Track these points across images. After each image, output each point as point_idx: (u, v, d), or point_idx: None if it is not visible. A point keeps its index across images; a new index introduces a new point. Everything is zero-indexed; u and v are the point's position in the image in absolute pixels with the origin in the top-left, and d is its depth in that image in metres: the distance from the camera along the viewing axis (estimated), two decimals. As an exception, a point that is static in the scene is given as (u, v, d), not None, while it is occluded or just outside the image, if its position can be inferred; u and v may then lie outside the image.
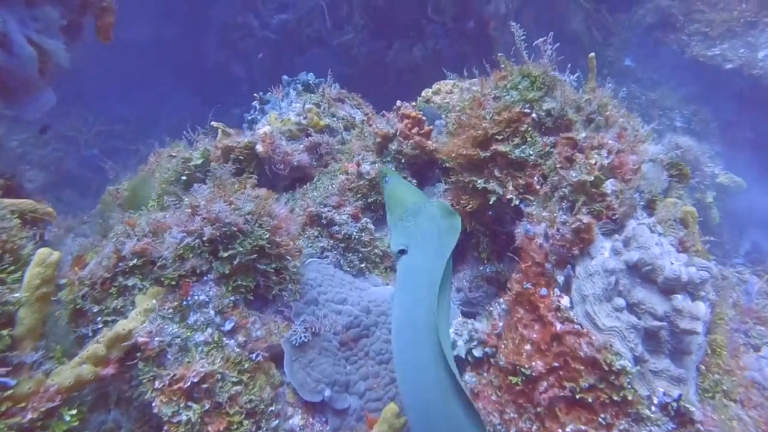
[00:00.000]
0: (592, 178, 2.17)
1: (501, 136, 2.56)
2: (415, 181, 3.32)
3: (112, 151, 12.17)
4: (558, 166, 2.38)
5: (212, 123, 4.70)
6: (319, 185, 3.25)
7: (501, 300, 2.52)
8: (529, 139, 2.51)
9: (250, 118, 3.82)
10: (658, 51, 7.46)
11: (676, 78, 7.27)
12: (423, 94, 4.10)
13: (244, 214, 2.28)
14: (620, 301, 1.86)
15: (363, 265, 3.02)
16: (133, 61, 13.24)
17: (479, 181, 2.62)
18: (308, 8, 10.13)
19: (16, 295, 1.72)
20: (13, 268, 1.83)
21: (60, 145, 11.87)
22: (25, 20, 2.80)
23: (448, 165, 2.85)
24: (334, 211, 3.03)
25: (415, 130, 3.25)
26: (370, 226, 3.12)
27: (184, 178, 3.55)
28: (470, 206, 2.72)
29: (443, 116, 3.90)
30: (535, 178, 2.46)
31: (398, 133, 3.26)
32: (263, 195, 2.52)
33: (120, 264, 2.18)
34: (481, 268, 2.93)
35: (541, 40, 2.52)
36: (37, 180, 11.00)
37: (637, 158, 2.22)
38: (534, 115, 2.51)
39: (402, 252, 2.19)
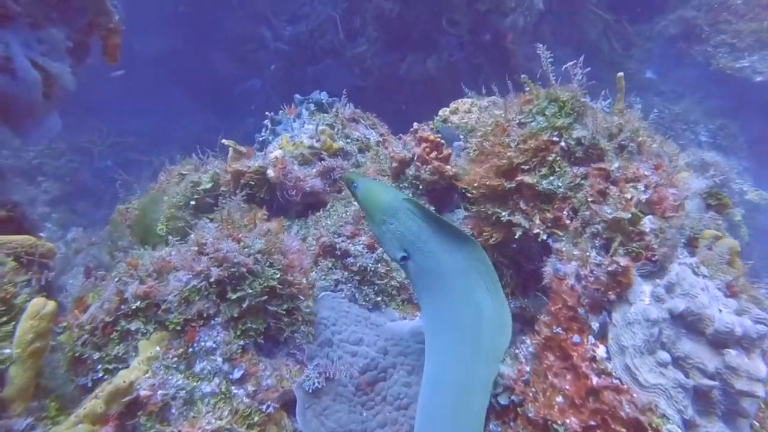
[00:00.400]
0: (629, 215, 1.99)
1: (527, 166, 2.40)
2: (433, 207, 3.16)
3: (126, 163, 12.19)
4: (590, 199, 2.21)
5: (223, 141, 4.61)
6: (333, 213, 3.11)
7: (528, 342, 2.35)
8: (557, 169, 2.34)
9: (261, 138, 3.70)
10: (681, 63, 7.24)
11: (701, 91, 7.04)
12: (440, 113, 3.95)
13: (254, 253, 2.14)
14: (665, 355, 1.69)
15: (379, 299, 2.86)
16: (146, 73, 13.27)
17: (503, 214, 2.46)
18: (321, 20, 10.06)
19: (7, 351, 1.60)
20: (5, 319, 1.70)
21: (75, 156, 11.91)
22: (29, 43, 2.70)
23: (469, 195, 2.69)
24: (348, 241, 2.88)
25: (433, 155, 3.10)
26: (386, 256, 2.97)
27: (192, 202, 3.44)
28: (494, 239, 2.55)
29: (461, 137, 3.75)
30: (565, 212, 2.29)
31: (416, 158, 3.12)
32: (274, 229, 2.38)
33: (122, 307, 2.05)
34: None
35: (570, 63, 2.36)
36: (52, 191, 11.06)
37: (678, 193, 2.04)
38: (563, 143, 2.35)
39: (405, 259, 2.13)
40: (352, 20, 9.19)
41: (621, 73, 2.71)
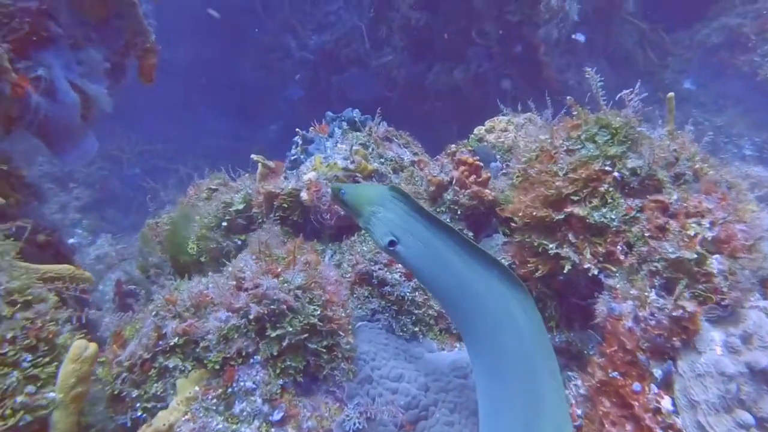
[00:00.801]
0: (695, 255, 1.87)
1: (577, 197, 2.29)
2: (471, 233, 3.06)
3: (153, 170, 12.34)
4: (647, 234, 2.09)
5: (252, 156, 4.57)
6: (368, 238, 3.03)
7: (579, 383, 2.23)
8: (610, 201, 2.23)
9: (293, 157, 3.64)
10: (724, 73, 6.97)
11: (746, 102, 6.75)
12: (475, 132, 3.85)
13: (294, 288, 2.07)
14: (746, 417, 1.56)
15: (417, 329, 2.77)
16: (174, 81, 13.45)
17: (551, 246, 2.35)
18: (347, 29, 10.05)
19: (51, 395, 1.55)
20: (48, 359, 1.66)
21: (105, 164, 12.09)
22: (69, 64, 2.69)
23: (513, 224, 2.58)
24: (385, 269, 2.80)
25: (472, 178, 3.00)
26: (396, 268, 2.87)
27: (224, 223, 3.39)
28: (540, 271, 2.44)
29: (498, 157, 3.64)
30: (619, 247, 2.17)
31: (454, 182, 3.02)
32: (313, 261, 2.31)
33: (160, 343, 1.99)
34: (550, 337, 2.64)
35: (626, 92, 2.24)
36: (83, 197, 11.24)
37: (748, 230, 1.91)
38: (616, 173, 2.23)
39: (393, 244, 2.12)
40: (378, 30, 9.15)
41: (671, 94, 2.58)
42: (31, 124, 2.45)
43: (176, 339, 1.98)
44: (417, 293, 2.81)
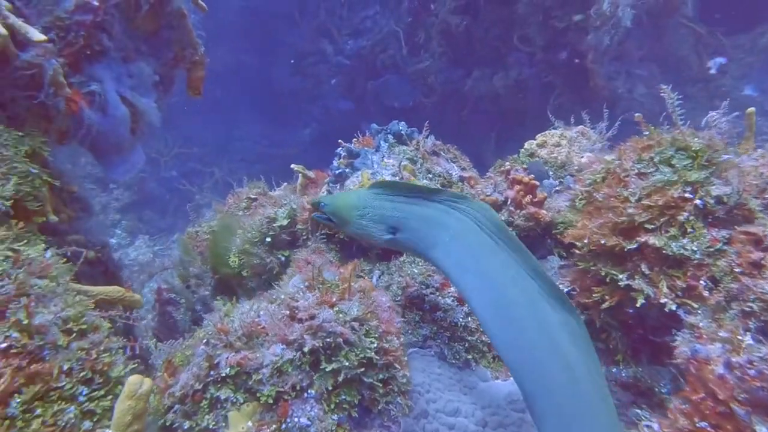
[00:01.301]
0: (797, 298, 1.69)
1: (652, 225, 2.12)
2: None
3: (189, 173, 12.49)
4: (737, 270, 1.91)
5: (292, 166, 4.50)
6: (420, 260, 2.90)
7: (655, 426, 2.06)
8: (690, 231, 2.05)
9: (337, 171, 3.55)
10: (791, 79, 6.57)
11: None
12: (526, 146, 3.69)
13: (350, 320, 1.96)
14: None
15: (470, 356, 2.64)
16: (210, 85, 13.58)
17: (621, 277, 2.19)
18: (384, 34, 9.96)
19: (107, 432, 1.48)
20: (103, 392, 1.59)
21: (143, 166, 12.25)
22: (120, 77, 2.65)
23: (576, 249, 2.42)
24: (437, 293, 2.68)
25: (528, 199, 2.85)
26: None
27: (268, 239, 3.32)
28: (608, 303, 2.28)
29: (551, 174, 3.48)
30: (702, 282, 2.00)
31: (509, 202, 2.88)
32: (367, 288, 2.20)
33: (212, 373, 1.91)
34: (615, 371, 2.47)
35: (714, 113, 2.06)
36: (122, 199, 11.43)
37: None
38: (698, 201, 2.05)
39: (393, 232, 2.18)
40: (416, 35, 9.04)
41: (752, 109, 2.39)
42: (83, 139, 2.42)
43: (228, 369, 1.89)
44: (470, 319, 2.69)
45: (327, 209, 2.34)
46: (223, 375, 1.91)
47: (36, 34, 2.02)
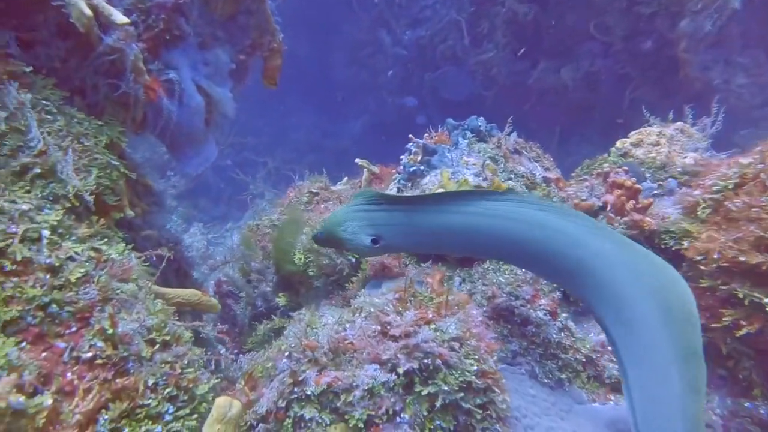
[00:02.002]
0: None
1: (805, 243, 1.81)
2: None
3: (244, 162, 12.58)
4: None
5: (357, 161, 4.33)
6: (507, 267, 2.66)
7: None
8: None
9: (411, 169, 3.33)
10: None
11: None
12: (618, 145, 3.36)
13: (449, 340, 1.75)
14: None
15: (563, 376, 2.39)
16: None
17: (766, 301, 1.88)
18: (444, 24, 9.64)
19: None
20: (188, 411, 1.44)
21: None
22: (196, 65, 2.52)
23: (701, 265, 2.12)
24: (528, 306, 2.44)
25: (630, 204, 2.56)
26: (570, 324, 2.50)
27: (341, 238, 3.14)
28: (746, 329, 1.98)
29: (649, 176, 3.15)
30: None
31: (608, 208, 2.59)
32: (462, 302, 1.99)
33: (295, 389, 1.74)
34: (748, 405, 2.17)
35: None
36: (179, 186, 11.62)
37: None
38: None
39: (376, 242, 2.25)
40: (479, 24, 8.68)
41: None
42: (162, 130, 2.30)
43: (314, 388, 1.72)
44: (563, 334, 2.44)
45: (323, 235, 2.42)
46: (308, 393, 1.75)
47: (119, 17, 1.89)
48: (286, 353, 1.84)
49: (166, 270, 2.40)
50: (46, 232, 1.48)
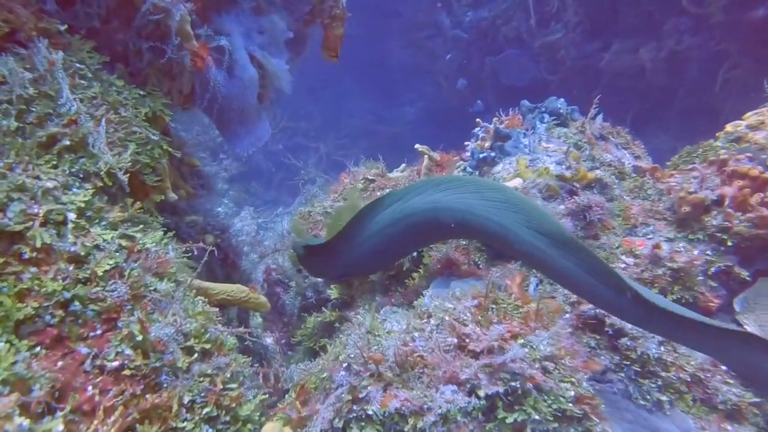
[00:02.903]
0: None
1: None
2: (745, 272, 2.19)
3: (295, 147, 12.49)
4: None
5: (417, 146, 4.06)
6: (594, 268, 2.29)
7: None
8: None
9: (481, 155, 2.99)
10: None
11: None
12: (729, 128, 2.88)
13: (541, 359, 1.43)
14: None
15: (663, 397, 2.02)
16: (318, 58, 13.44)
17: None
18: (508, 4, 9.09)
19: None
20: (232, 430, 1.20)
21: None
22: (250, 33, 2.26)
23: None
24: (625, 316, 2.06)
25: (756, 198, 2.13)
26: None
27: (401, 229, 2.85)
28: None
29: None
30: None
31: (728, 202, 2.17)
32: (552, 310, 1.66)
33: (354, 407, 1.47)
34: None
35: None
36: (231, 169, 11.65)
37: None
38: None
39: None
40: (548, 3, 8.10)
41: None
42: (209, 104, 2.06)
43: (378, 407, 1.45)
44: (663, 349, 2.07)
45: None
46: (370, 413, 1.47)
47: (164, -30, 1.65)
48: (345, 364, 1.57)
49: (211, 259, 2.18)
50: (72, 215, 1.26)
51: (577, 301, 2.18)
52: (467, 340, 1.49)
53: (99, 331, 1.18)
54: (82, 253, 1.24)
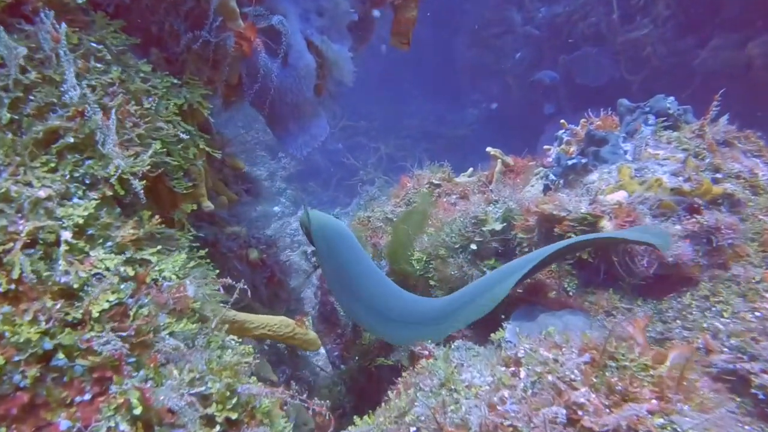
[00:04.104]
0: None
1: None
2: None
3: (355, 147, 12.27)
4: None
5: (488, 150, 3.68)
6: (727, 308, 1.81)
7: None
8: None
9: (570, 162, 2.54)
10: None
11: None
12: None
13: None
14: None
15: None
16: (379, 56, 13.17)
17: None
18: (584, -1, 8.44)
19: None
20: None
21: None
22: (308, 14, 1.93)
23: None
24: (775, 376, 1.58)
25: None
26: None
27: (474, 247, 2.45)
28: None
29: None
30: None
31: None
32: (685, 366, 1.22)
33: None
34: None
35: None
36: (289, 168, 11.57)
37: None
38: None
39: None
40: (634, -4, 7.41)
41: None
42: (259, 96, 1.75)
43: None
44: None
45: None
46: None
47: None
48: (413, 429, 1.21)
49: (255, 278, 1.87)
50: (67, 234, 0.97)
51: (709, 350, 1.71)
52: (579, 413, 1.08)
53: (88, 396, 0.87)
54: (76, 286, 0.94)
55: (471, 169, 3.94)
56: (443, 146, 11.64)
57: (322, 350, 3.86)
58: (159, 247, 1.13)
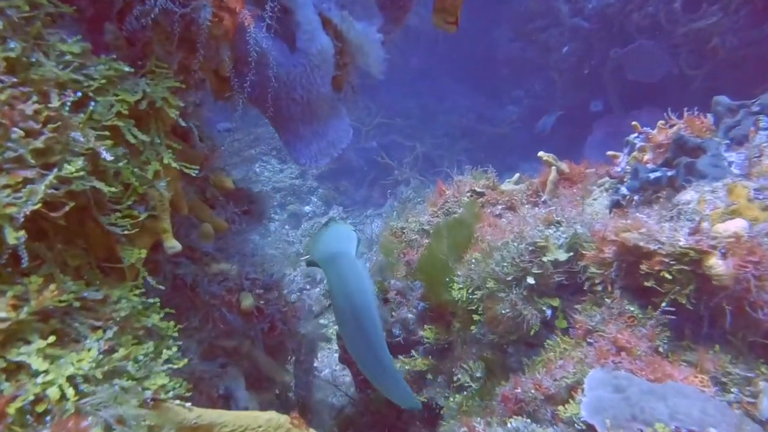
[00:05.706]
0: None
1: None
2: None
3: (390, 145, 11.85)
4: None
5: (540, 154, 3.19)
6: None
7: None
8: None
9: (652, 176, 2.02)
10: None
11: None
12: None
13: None
14: None
15: None
16: (420, 51, 12.66)
17: None
18: (643, -14, 7.77)
19: None
20: None
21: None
22: (325, -15, 1.46)
23: None
24: None
25: None
26: None
27: (531, 280, 1.96)
28: None
29: None
30: None
31: None
32: None
33: None
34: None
35: None
36: (321, 166, 11.21)
37: None
38: None
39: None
40: (699, -17, 6.72)
41: None
42: (256, 90, 1.31)
43: None
44: None
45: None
46: None
47: None
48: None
49: (250, 333, 1.43)
50: None
51: None
52: None
53: None
54: None
55: (518, 174, 3.45)
56: (483, 145, 11.08)
57: (348, 377, 3.57)
58: (62, 326, 0.69)
